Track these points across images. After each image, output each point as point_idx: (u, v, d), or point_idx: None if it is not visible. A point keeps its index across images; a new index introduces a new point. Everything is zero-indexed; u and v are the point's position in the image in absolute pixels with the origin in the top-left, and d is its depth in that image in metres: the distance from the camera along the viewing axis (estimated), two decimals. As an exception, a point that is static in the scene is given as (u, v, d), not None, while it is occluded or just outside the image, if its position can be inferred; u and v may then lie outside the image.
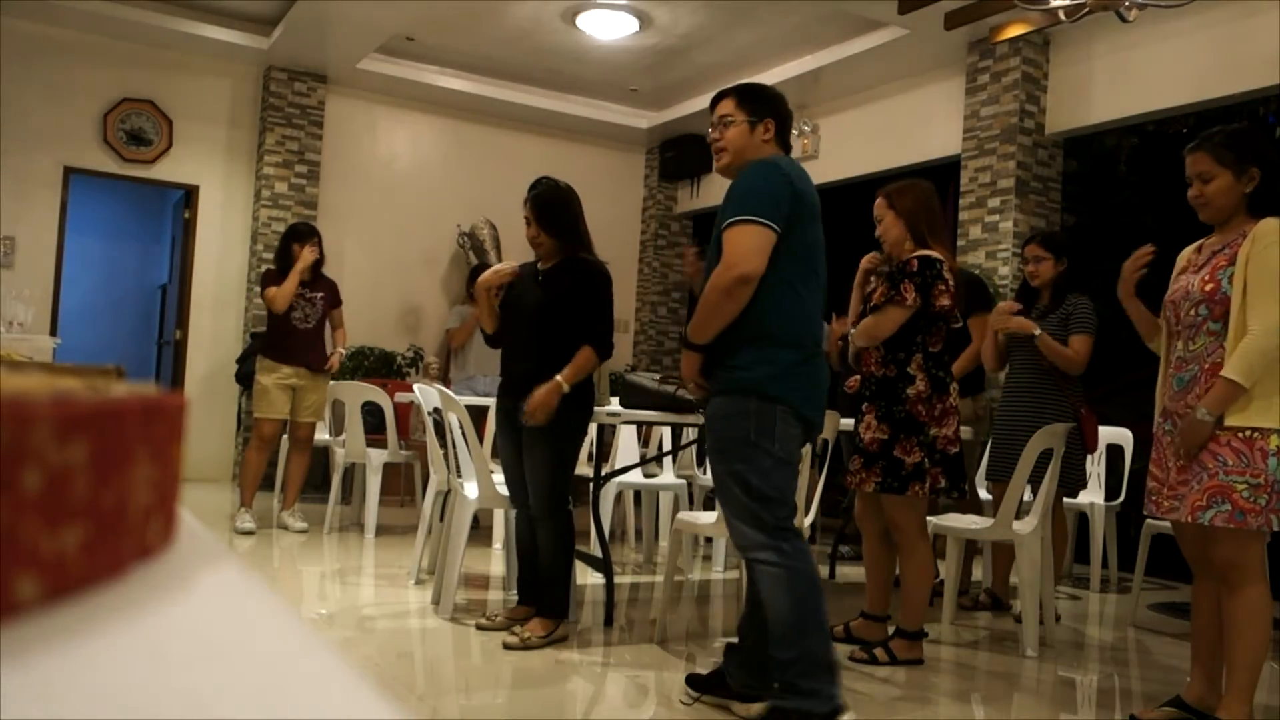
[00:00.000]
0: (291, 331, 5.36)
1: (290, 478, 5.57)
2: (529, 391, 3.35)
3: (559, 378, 3.33)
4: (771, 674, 2.56)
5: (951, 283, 3.36)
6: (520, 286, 3.59)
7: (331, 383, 5.60)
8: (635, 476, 4.98)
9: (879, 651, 3.43)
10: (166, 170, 7.26)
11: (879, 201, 3.56)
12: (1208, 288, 2.72)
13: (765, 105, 2.75)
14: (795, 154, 7.63)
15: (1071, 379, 4.08)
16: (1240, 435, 2.62)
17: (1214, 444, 2.65)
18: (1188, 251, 2.93)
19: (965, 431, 4.41)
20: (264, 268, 7.25)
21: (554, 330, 3.41)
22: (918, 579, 3.45)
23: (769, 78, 7.31)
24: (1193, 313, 2.76)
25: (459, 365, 6.65)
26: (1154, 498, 2.85)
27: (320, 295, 5.46)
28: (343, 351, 5.63)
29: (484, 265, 7.28)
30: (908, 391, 3.37)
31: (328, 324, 5.58)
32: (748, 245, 2.49)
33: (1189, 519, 2.67)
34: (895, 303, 3.34)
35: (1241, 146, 2.74)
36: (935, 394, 3.38)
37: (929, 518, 3.72)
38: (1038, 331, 4.01)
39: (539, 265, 3.56)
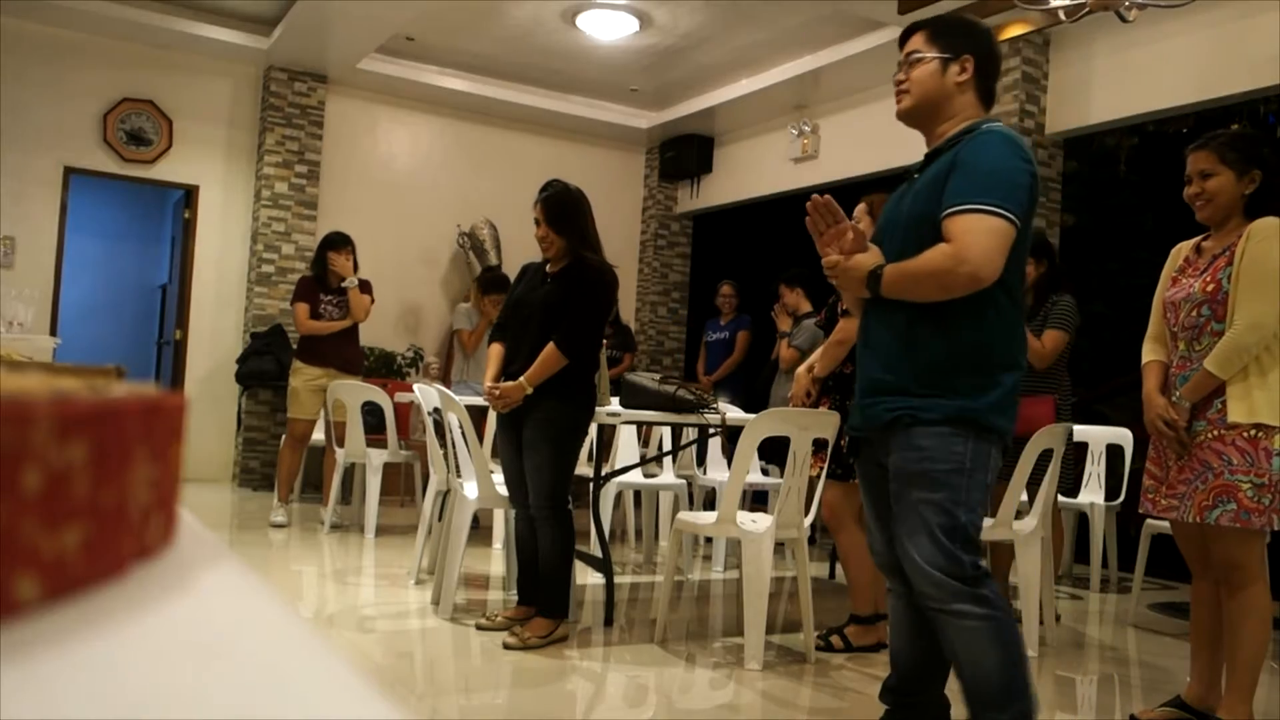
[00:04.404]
0: (321, 335, 5.59)
1: (325, 475, 5.79)
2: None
3: (522, 379, 3.37)
4: None
5: None
6: (527, 285, 3.60)
7: (332, 383, 5.62)
8: (635, 476, 4.98)
9: (834, 639, 3.56)
10: (166, 170, 7.26)
11: (860, 207, 3.66)
12: (1209, 288, 2.74)
13: (963, 40, 2.31)
14: (794, 154, 7.76)
15: (1054, 376, 4.09)
16: (1245, 435, 2.63)
17: (1219, 443, 2.66)
18: (1185, 249, 2.93)
19: None
20: (264, 268, 7.32)
21: (556, 330, 3.41)
22: (857, 564, 3.58)
23: (769, 78, 7.32)
24: (1195, 314, 2.77)
25: (471, 369, 6.62)
26: (1150, 495, 2.86)
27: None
28: (356, 283, 5.60)
29: (491, 269, 7.29)
30: None
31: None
32: (991, 244, 2.07)
33: (1196, 518, 2.67)
34: None
35: (1246, 148, 2.76)
36: None
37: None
38: None
39: (547, 266, 3.58)
